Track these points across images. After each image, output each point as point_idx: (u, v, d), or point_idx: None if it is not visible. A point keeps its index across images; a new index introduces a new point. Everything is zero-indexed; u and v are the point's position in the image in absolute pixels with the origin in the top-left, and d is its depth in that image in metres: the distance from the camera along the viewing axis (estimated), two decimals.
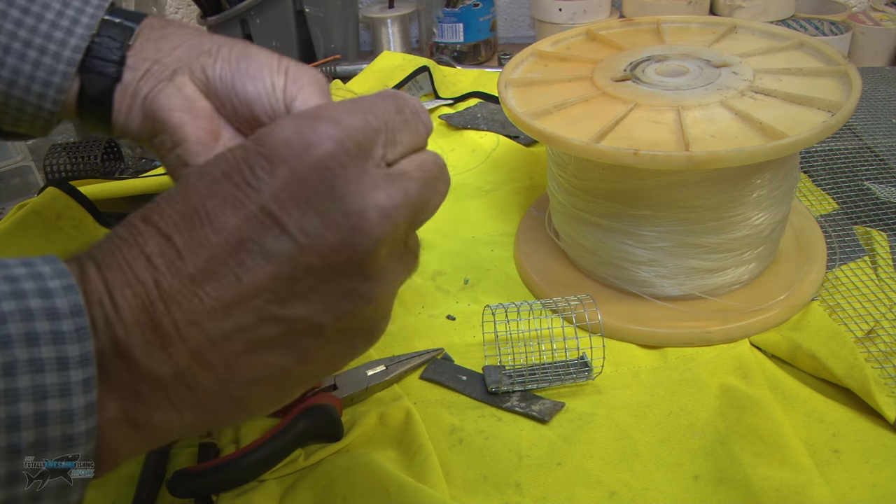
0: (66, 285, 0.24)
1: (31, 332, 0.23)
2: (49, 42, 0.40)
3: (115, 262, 0.25)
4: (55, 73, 0.40)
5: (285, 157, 0.26)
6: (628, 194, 0.48)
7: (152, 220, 0.26)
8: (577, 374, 0.47)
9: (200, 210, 0.26)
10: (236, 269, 0.25)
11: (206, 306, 0.25)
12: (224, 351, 0.25)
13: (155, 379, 0.25)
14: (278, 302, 0.26)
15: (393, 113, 0.29)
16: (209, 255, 0.25)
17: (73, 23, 0.40)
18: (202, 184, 0.26)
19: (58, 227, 0.62)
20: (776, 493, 0.38)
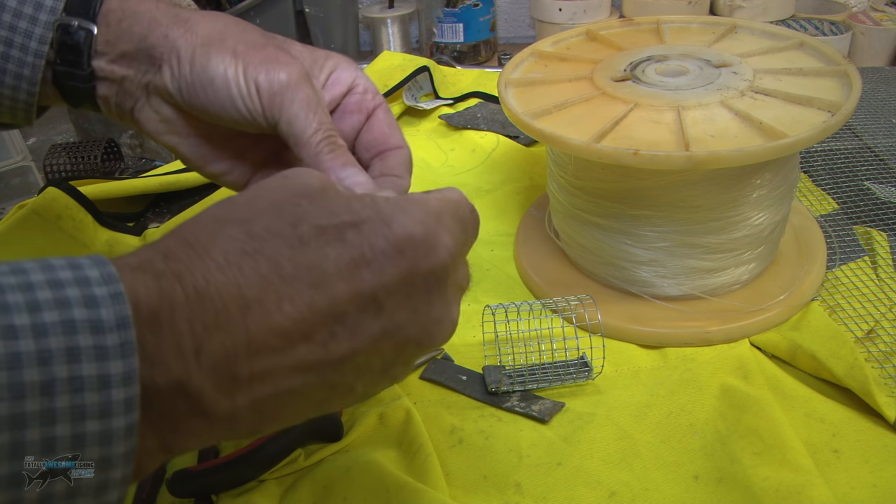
0: (114, 293, 0.23)
1: (73, 346, 0.22)
2: (14, 34, 0.39)
3: (209, 295, 0.24)
4: (24, 65, 0.39)
5: (408, 255, 0.27)
6: (628, 194, 0.48)
7: (253, 254, 0.26)
8: (577, 374, 0.47)
9: (315, 267, 0.26)
10: (328, 337, 0.26)
11: (286, 364, 0.26)
12: (280, 402, 0.26)
13: (209, 418, 0.25)
14: (339, 371, 0.27)
15: (472, 229, 0.31)
16: (308, 316, 0.26)
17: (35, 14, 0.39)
18: (316, 236, 0.27)
19: (58, 227, 0.62)
20: (776, 493, 0.38)
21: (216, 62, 0.38)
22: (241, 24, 0.41)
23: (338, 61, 0.42)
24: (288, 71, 0.38)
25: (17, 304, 0.21)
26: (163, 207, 0.70)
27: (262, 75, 0.38)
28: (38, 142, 0.91)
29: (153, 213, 0.69)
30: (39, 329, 0.21)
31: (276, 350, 0.25)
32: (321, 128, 0.38)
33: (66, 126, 0.92)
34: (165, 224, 0.65)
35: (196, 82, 0.39)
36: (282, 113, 0.38)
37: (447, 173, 0.72)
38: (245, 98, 0.38)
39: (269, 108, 0.38)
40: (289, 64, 0.39)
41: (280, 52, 0.39)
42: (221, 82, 0.38)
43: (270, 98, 0.38)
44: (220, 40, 0.39)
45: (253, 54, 0.39)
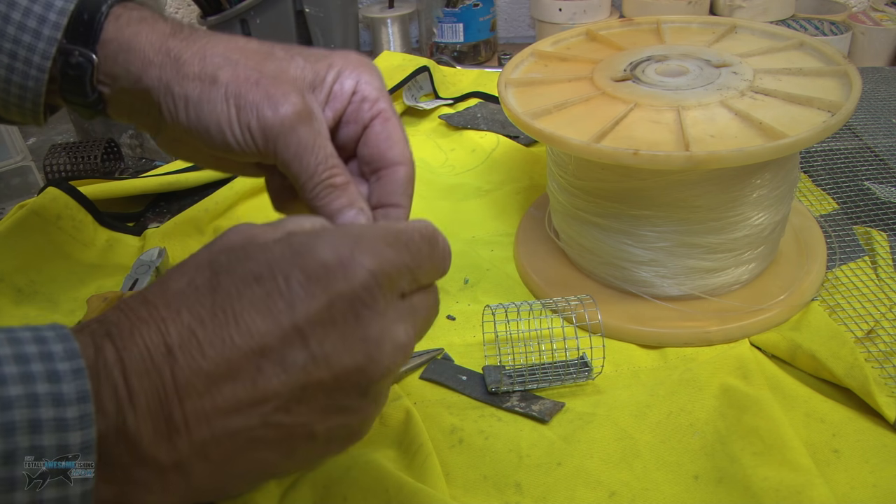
0: (76, 368, 0.24)
1: (35, 418, 0.23)
2: (18, 46, 0.39)
3: (135, 345, 0.26)
4: (28, 77, 0.40)
5: (322, 281, 0.27)
6: (628, 194, 0.48)
7: (176, 308, 0.27)
8: (577, 374, 0.47)
9: (228, 309, 0.27)
10: (255, 373, 0.26)
11: (218, 404, 0.26)
12: (225, 447, 0.27)
13: (155, 466, 0.25)
14: (284, 409, 0.27)
15: (426, 254, 0.30)
16: (231, 355, 0.26)
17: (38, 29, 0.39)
18: (231, 281, 0.27)
19: (58, 227, 0.62)
20: (776, 493, 0.38)
21: (209, 110, 0.38)
22: (234, 50, 0.40)
23: (341, 68, 0.40)
24: (282, 111, 0.37)
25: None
26: (163, 207, 0.70)
27: (255, 121, 0.37)
28: (38, 142, 0.91)
29: (153, 213, 0.69)
30: (4, 402, 0.22)
31: (203, 392, 0.26)
32: (318, 170, 0.37)
33: (66, 126, 0.92)
34: (165, 224, 0.65)
35: (192, 130, 0.39)
36: (277, 157, 0.38)
37: (447, 173, 0.72)
38: (241, 144, 0.38)
39: (266, 152, 0.38)
40: (283, 101, 0.37)
41: (275, 84, 0.38)
42: (216, 130, 0.38)
43: (265, 143, 0.38)
44: (212, 82, 0.38)
45: (246, 95, 0.38)
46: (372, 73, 0.41)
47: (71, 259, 0.61)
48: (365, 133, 0.40)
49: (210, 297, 0.27)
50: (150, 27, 0.40)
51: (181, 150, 0.43)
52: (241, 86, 0.38)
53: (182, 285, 0.27)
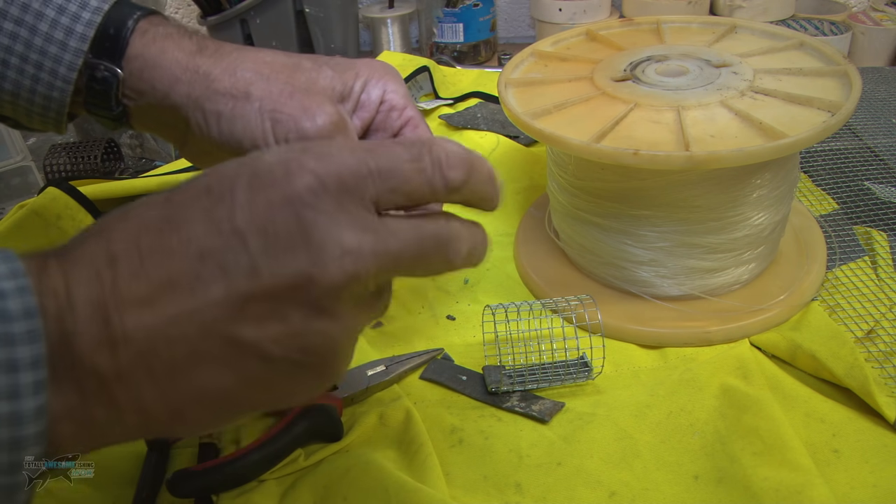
0: (21, 286, 0.24)
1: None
2: (44, 57, 0.39)
3: (80, 257, 0.26)
4: (53, 88, 0.40)
5: (264, 184, 0.26)
6: (628, 194, 0.48)
7: (127, 219, 0.26)
8: (577, 374, 0.47)
9: (174, 217, 0.26)
10: (193, 280, 0.25)
11: (157, 312, 0.25)
12: (166, 358, 0.26)
13: (99, 376, 0.25)
14: (227, 321, 0.26)
15: (404, 160, 0.28)
16: (170, 263, 0.25)
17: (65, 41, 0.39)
18: (185, 193, 0.27)
19: (58, 227, 0.62)
20: (776, 493, 0.38)
21: (242, 125, 0.38)
22: (263, 65, 0.40)
23: (367, 78, 0.41)
24: (320, 123, 0.38)
25: None
26: None
27: (293, 133, 0.38)
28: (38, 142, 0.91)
29: None
30: None
31: (143, 299, 0.25)
32: None
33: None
34: None
35: (224, 144, 0.39)
36: None
37: None
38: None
39: None
40: (319, 113, 0.38)
41: (309, 96, 0.38)
42: (251, 145, 0.38)
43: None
44: (245, 98, 0.39)
45: (282, 109, 0.38)
46: (397, 82, 0.42)
47: None
48: None
49: (160, 209, 0.27)
50: (176, 44, 0.40)
51: (207, 161, 0.43)
52: (275, 100, 0.38)
53: (138, 204, 0.27)
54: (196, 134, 0.40)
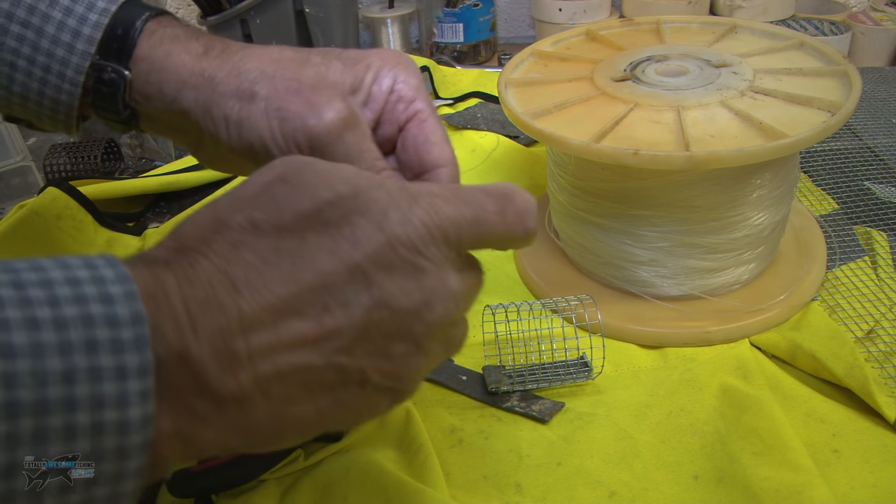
0: (128, 292, 0.24)
1: (91, 338, 0.23)
2: (51, 60, 0.39)
3: (197, 278, 0.26)
4: (61, 91, 0.40)
5: (382, 228, 0.28)
6: (628, 194, 0.48)
7: (239, 244, 0.27)
8: (577, 374, 0.47)
9: (293, 249, 0.27)
10: (320, 310, 0.26)
11: (284, 339, 0.26)
12: (287, 385, 0.26)
13: (216, 399, 0.25)
14: (346, 350, 0.27)
15: (491, 212, 0.30)
16: (297, 291, 0.26)
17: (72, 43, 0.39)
18: (295, 218, 0.27)
19: (58, 227, 0.62)
20: (776, 493, 0.38)
21: (249, 128, 0.38)
22: (269, 63, 0.39)
23: (379, 68, 0.40)
24: (327, 119, 0.37)
25: (38, 298, 0.22)
26: (163, 207, 0.70)
27: (300, 132, 0.37)
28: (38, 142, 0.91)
29: (153, 213, 0.69)
30: (60, 322, 0.22)
31: (269, 326, 0.26)
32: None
33: None
34: (165, 224, 0.65)
35: (235, 149, 0.39)
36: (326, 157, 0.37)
37: None
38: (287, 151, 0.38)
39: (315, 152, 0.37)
40: (327, 108, 0.37)
41: (316, 92, 0.37)
42: (260, 146, 0.38)
43: (312, 153, 0.37)
44: (250, 99, 0.38)
45: (287, 107, 0.37)
46: (409, 72, 0.40)
47: None
48: (402, 136, 0.40)
49: (274, 236, 0.27)
50: (183, 46, 0.39)
51: (224, 166, 0.43)
52: (281, 99, 0.37)
53: (241, 220, 0.27)
54: (208, 139, 0.40)
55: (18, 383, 0.21)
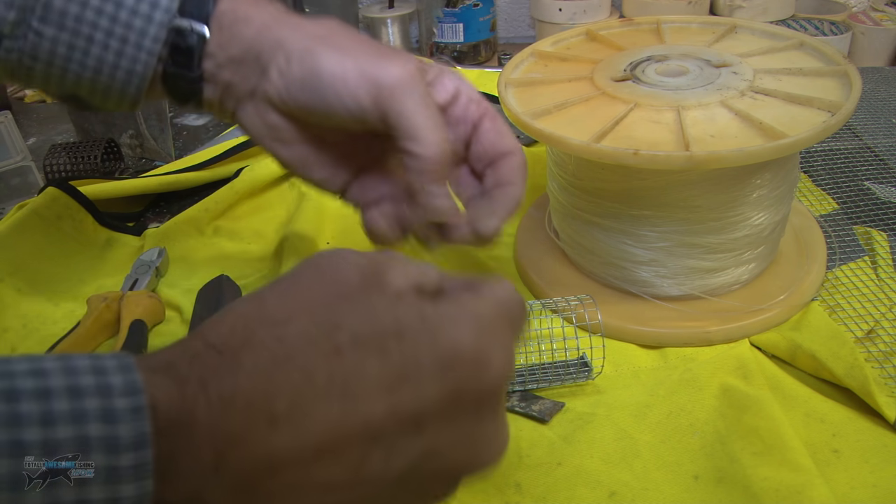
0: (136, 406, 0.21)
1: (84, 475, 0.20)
2: (129, 31, 0.39)
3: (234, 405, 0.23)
4: (137, 61, 0.40)
5: (456, 373, 0.25)
6: (628, 194, 0.48)
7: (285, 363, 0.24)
8: (577, 375, 0.47)
9: (346, 379, 0.24)
10: (360, 458, 0.24)
11: (313, 481, 0.24)
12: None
13: None
14: (375, 493, 0.25)
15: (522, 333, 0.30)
16: (341, 434, 0.24)
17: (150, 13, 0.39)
18: (353, 345, 0.24)
19: (58, 227, 0.62)
20: (776, 493, 0.38)
21: (325, 58, 0.38)
22: (350, 28, 0.41)
23: (441, 69, 0.42)
24: (402, 67, 0.38)
25: (30, 415, 0.20)
26: (163, 207, 0.70)
27: (375, 70, 0.38)
28: (38, 142, 0.91)
29: (153, 213, 0.69)
30: (51, 446, 0.20)
31: (301, 466, 0.23)
32: (439, 127, 0.38)
33: (66, 126, 0.92)
34: (165, 224, 0.65)
35: (304, 79, 0.39)
36: (393, 106, 0.38)
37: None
38: (354, 92, 0.38)
39: (381, 102, 0.38)
40: (402, 61, 0.38)
41: (391, 50, 0.40)
42: (329, 77, 0.38)
43: (380, 92, 0.38)
44: (329, 38, 0.39)
45: (363, 51, 0.39)
46: (466, 79, 0.43)
47: (71, 259, 0.61)
48: (476, 131, 0.42)
49: (326, 360, 0.24)
50: (263, 8, 0.41)
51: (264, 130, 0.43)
52: (358, 46, 0.39)
53: (292, 334, 0.24)
54: (272, 79, 0.40)
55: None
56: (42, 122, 0.96)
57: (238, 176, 0.69)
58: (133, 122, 0.81)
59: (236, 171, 0.70)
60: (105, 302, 0.53)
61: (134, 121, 0.81)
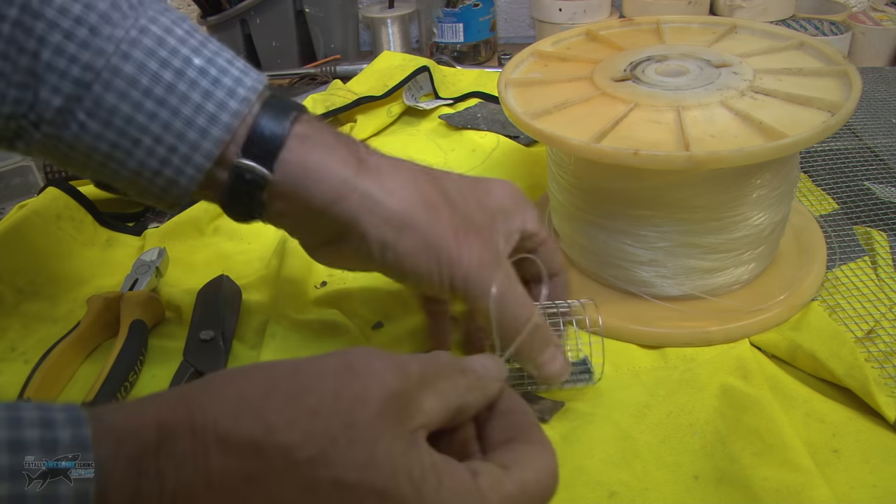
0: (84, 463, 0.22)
1: None
2: (180, 142, 0.36)
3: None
4: (182, 174, 0.37)
5: None
6: (628, 194, 0.48)
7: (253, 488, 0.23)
8: (578, 379, 0.46)
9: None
10: None
11: None
12: None
13: None
14: None
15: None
16: None
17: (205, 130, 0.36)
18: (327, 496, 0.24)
19: (58, 227, 0.62)
20: (776, 493, 0.38)
21: (410, 260, 0.38)
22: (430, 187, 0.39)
23: (508, 209, 0.43)
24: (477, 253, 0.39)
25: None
26: None
27: (455, 264, 0.38)
28: None
29: (153, 213, 0.69)
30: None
31: None
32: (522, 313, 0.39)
33: None
34: (165, 224, 0.65)
35: (389, 270, 0.39)
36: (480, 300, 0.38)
37: None
38: (436, 282, 0.39)
39: (461, 291, 0.39)
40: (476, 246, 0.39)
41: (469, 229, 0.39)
42: (411, 268, 0.38)
43: (464, 284, 0.38)
44: (410, 226, 0.38)
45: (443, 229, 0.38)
46: (527, 206, 0.44)
47: (71, 259, 0.61)
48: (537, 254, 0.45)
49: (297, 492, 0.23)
50: (337, 156, 0.38)
51: (341, 263, 0.43)
52: (440, 235, 0.38)
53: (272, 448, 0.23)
54: (352, 250, 0.39)
55: None
56: None
57: None
58: None
59: None
60: (105, 302, 0.53)
61: None
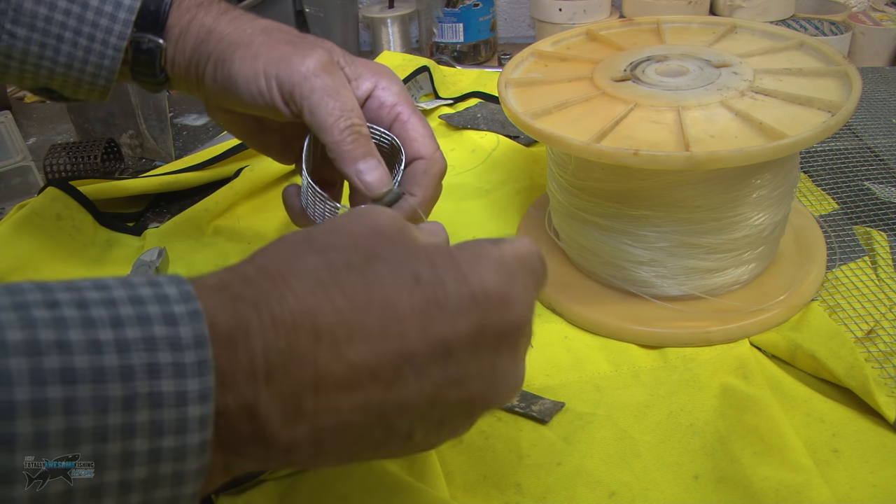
0: (192, 312, 0.23)
1: (154, 362, 0.22)
2: (96, 29, 0.45)
3: (282, 323, 0.25)
4: (105, 56, 0.45)
5: (483, 307, 0.27)
6: (628, 194, 0.48)
7: (330, 285, 0.26)
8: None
9: (385, 304, 0.26)
10: (394, 378, 0.26)
11: (352, 401, 0.25)
12: (338, 437, 0.26)
13: (271, 445, 0.25)
14: (403, 414, 0.27)
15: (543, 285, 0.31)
16: (378, 353, 0.25)
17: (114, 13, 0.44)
18: (391, 274, 0.27)
19: (58, 227, 0.62)
20: (776, 493, 0.38)
21: (238, 66, 0.43)
22: (272, 27, 0.46)
23: (362, 71, 0.45)
24: (307, 62, 0.42)
25: (101, 319, 0.22)
26: (163, 207, 0.70)
27: (281, 69, 0.42)
28: (38, 142, 0.91)
29: (153, 213, 0.69)
30: (123, 345, 0.22)
31: (342, 385, 0.25)
32: (343, 115, 0.41)
33: (66, 126, 0.92)
34: (165, 224, 0.65)
35: (223, 85, 0.44)
36: (303, 103, 0.41)
37: (447, 173, 0.72)
38: (265, 94, 0.42)
39: (290, 100, 0.42)
40: (309, 55, 0.42)
41: (304, 44, 0.43)
42: (243, 83, 0.43)
43: (290, 90, 0.42)
44: (246, 45, 0.44)
45: (273, 52, 0.43)
46: (391, 79, 0.45)
47: (71, 259, 0.61)
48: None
49: (366, 285, 0.26)
50: (206, 10, 0.46)
51: (222, 117, 0.49)
52: (270, 48, 0.43)
53: (337, 261, 0.26)
54: (208, 84, 0.45)
55: (79, 410, 0.21)
56: (42, 122, 0.96)
57: (238, 176, 0.69)
58: (133, 121, 0.81)
59: (236, 171, 0.70)
60: None
61: (134, 121, 0.81)
